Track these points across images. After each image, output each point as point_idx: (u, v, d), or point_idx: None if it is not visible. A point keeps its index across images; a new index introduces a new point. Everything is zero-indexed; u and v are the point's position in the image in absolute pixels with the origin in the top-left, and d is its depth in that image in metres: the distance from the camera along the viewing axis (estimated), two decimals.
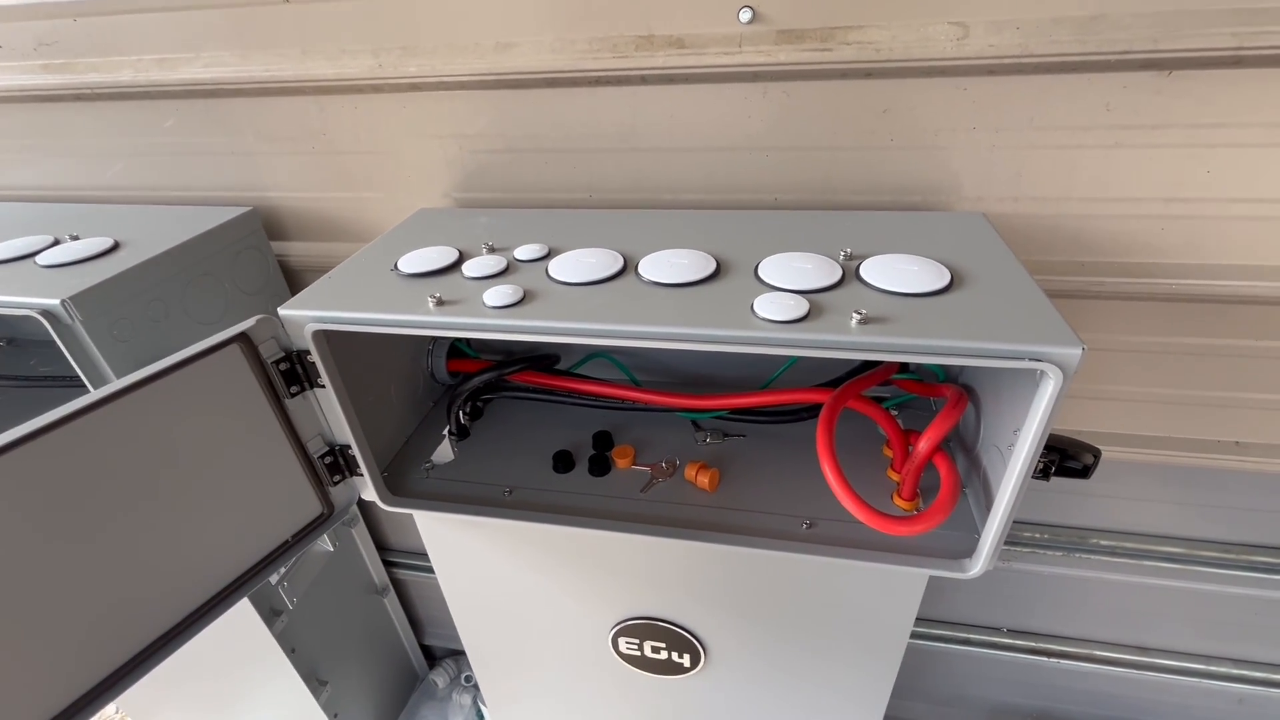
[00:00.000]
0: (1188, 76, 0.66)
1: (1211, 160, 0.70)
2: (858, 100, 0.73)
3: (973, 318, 0.52)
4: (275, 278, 0.98)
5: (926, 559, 0.64)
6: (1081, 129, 0.70)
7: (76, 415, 0.52)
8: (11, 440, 0.49)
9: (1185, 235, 0.74)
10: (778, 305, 0.54)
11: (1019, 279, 0.58)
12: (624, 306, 0.58)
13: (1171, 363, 0.84)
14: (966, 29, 0.66)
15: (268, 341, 0.62)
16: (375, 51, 0.80)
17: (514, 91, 0.81)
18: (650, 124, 0.79)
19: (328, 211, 0.96)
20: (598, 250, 0.68)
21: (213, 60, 0.85)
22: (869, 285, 0.58)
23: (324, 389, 0.66)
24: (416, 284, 0.65)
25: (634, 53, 0.74)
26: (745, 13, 0.70)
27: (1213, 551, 1.00)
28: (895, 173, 0.77)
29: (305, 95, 0.86)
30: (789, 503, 0.71)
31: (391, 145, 0.88)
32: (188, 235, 0.83)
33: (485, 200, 0.90)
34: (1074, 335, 0.48)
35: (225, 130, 0.91)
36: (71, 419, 0.52)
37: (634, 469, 0.78)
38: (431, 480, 0.79)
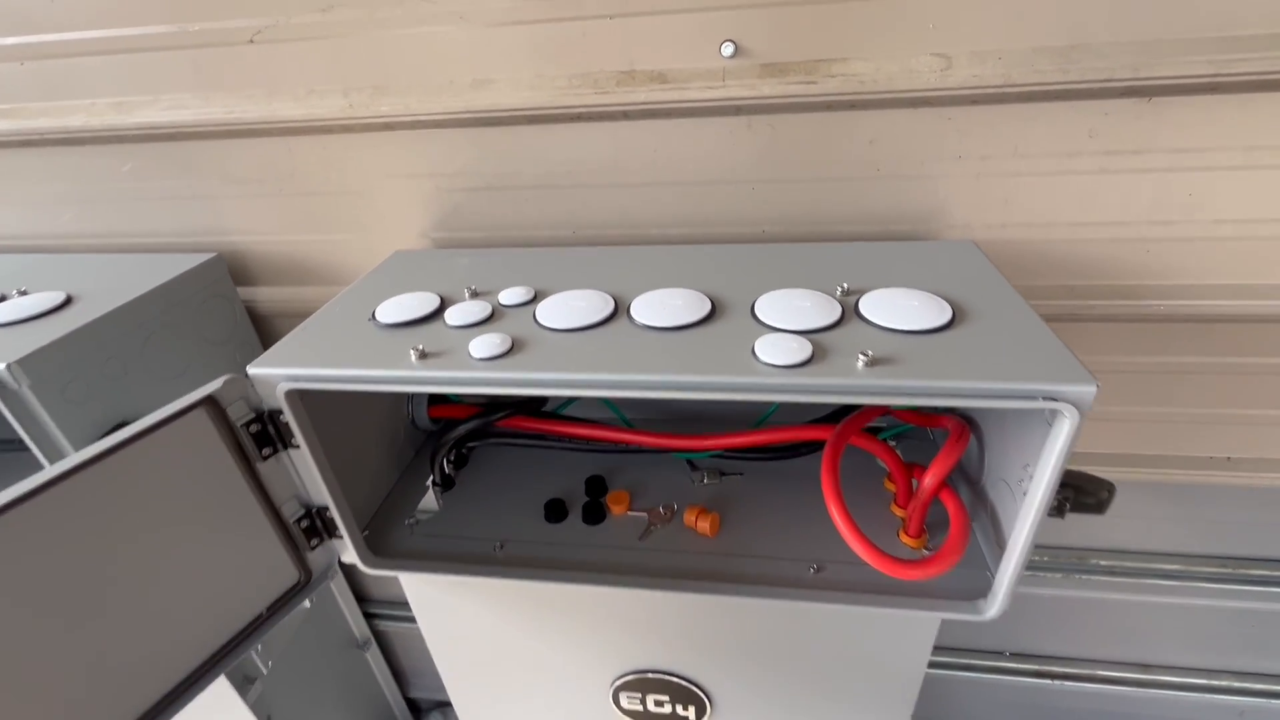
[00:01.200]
0: (1167, 103, 0.66)
1: (1193, 183, 0.70)
2: (843, 131, 0.73)
3: (981, 356, 0.51)
4: (243, 325, 0.93)
5: (940, 601, 0.62)
6: (1066, 155, 0.71)
7: (27, 497, 0.47)
8: None
9: (1170, 257, 0.75)
10: (779, 348, 0.52)
11: (1020, 311, 0.57)
12: (619, 354, 0.55)
13: (1161, 382, 0.84)
14: (949, 60, 0.66)
15: (236, 403, 0.58)
16: (345, 91, 0.77)
17: (492, 129, 0.78)
18: (634, 158, 0.77)
19: (297, 255, 0.92)
20: (587, 292, 0.65)
21: (173, 103, 0.81)
22: (870, 323, 0.56)
23: (298, 449, 0.61)
24: (397, 335, 0.61)
25: (615, 88, 0.72)
26: (728, 47, 0.69)
27: (1210, 567, 1.00)
28: (883, 202, 0.76)
29: (272, 136, 0.82)
30: (794, 545, 0.69)
31: (364, 186, 0.85)
32: (148, 286, 0.79)
33: (464, 240, 0.87)
34: (1086, 372, 0.46)
35: (187, 174, 0.87)
36: (21, 501, 0.47)
37: (630, 515, 0.75)
38: (416, 537, 0.74)
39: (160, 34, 0.77)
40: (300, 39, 0.75)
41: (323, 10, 0.73)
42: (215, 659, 0.61)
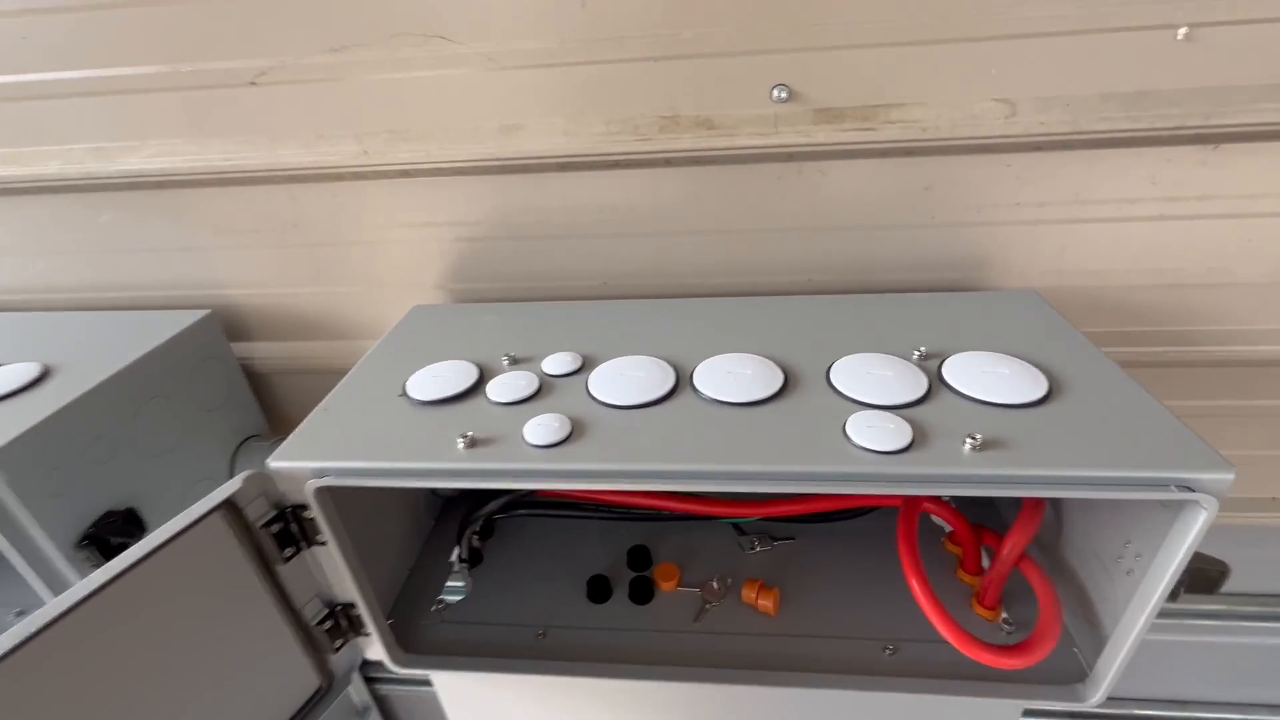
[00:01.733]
0: (1233, 149, 0.64)
1: (1254, 230, 0.68)
2: (898, 178, 0.69)
3: (1096, 437, 0.47)
4: (238, 387, 0.85)
5: (1036, 687, 0.57)
6: (1126, 202, 0.68)
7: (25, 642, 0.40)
8: None
9: (1227, 302, 0.73)
10: (875, 430, 0.47)
11: (1116, 379, 0.53)
12: (695, 439, 0.50)
13: (1211, 425, 0.82)
14: (1014, 106, 0.63)
15: (255, 501, 0.51)
16: (359, 137, 0.71)
17: (519, 175, 0.73)
18: (674, 206, 0.73)
19: (300, 308, 0.84)
20: (641, 360, 0.60)
21: (162, 149, 0.73)
22: (960, 394, 0.52)
23: (324, 546, 0.54)
24: (436, 415, 0.55)
25: (658, 134, 0.67)
26: (780, 91, 0.64)
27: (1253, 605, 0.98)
28: (937, 249, 0.73)
29: (275, 184, 0.75)
30: (864, 622, 0.64)
31: (376, 235, 0.78)
32: (135, 353, 0.70)
33: (484, 291, 0.81)
34: (1222, 457, 0.43)
35: (176, 224, 0.79)
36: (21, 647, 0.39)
37: (681, 591, 0.69)
38: (447, 625, 0.67)
39: (148, 75, 0.70)
40: (309, 80, 0.69)
41: (334, 51, 0.67)
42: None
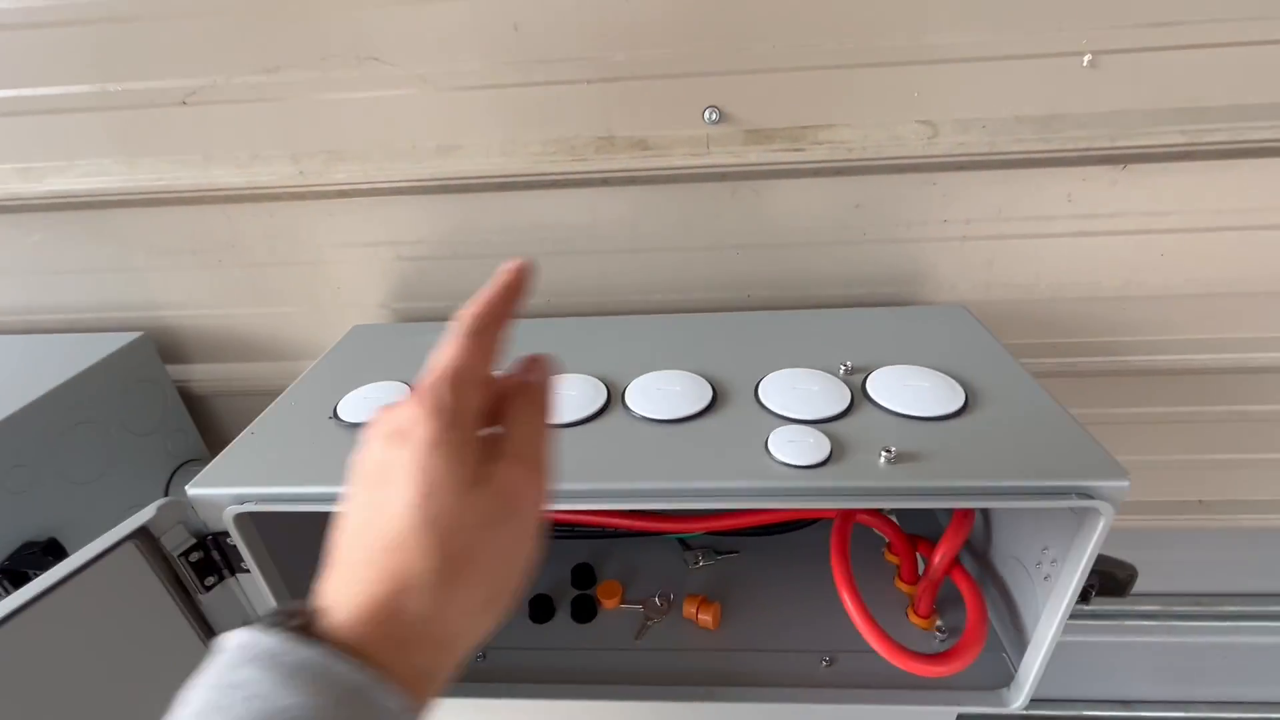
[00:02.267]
0: (1141, 169, 0.67)
1: (1164, 244, 0.72)
2: (829, 196, 0.71)
3: (1005, 449, 0.48)
4: (174, 410, 0.83)
5: (964, 693, 0.58)
6: (1046, 219, 0.71)
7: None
8: None
9: (1145, 313, 0.76)
10: (795, 445, 0.48)
11: (1029, 391, 0.55)
12: (620, 455, 0.50)
13: (1138, 431, 0.85)
14: (935, 128, 0.66)
15: (173, 529, 0.50)
16: (295, 157, 0.70)
17: (458, 195, 0.73)
18: (613, 225, 0.74)
19: (239, 329, 0.83)
20: (575, 378, 0.60)
21: (91, 169, 0.72)
22: (882, 408, 0.54)
23: (248, 573, 0.53)
24: None
25: (594, 155, 0.68)
26: (711, 113, 0.66)
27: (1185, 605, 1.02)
28: (870, 265, 0.75)
29: (210, 204, 0.74)
30: (802, 635, 0.64)
31: (316, 255, 0.77)
32: (60, 378, 0.68)
33: (427, 311, 0.80)
34: (1119, 466, 0.45)
35: (107, 245, 0.78)
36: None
37: (623, 608, 0.69)
38: None
39: (76, 94, 0.69)
40: (242, 101, 0.68)
41: (267, 71, 0.67)
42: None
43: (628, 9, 0.62)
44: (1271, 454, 0.85)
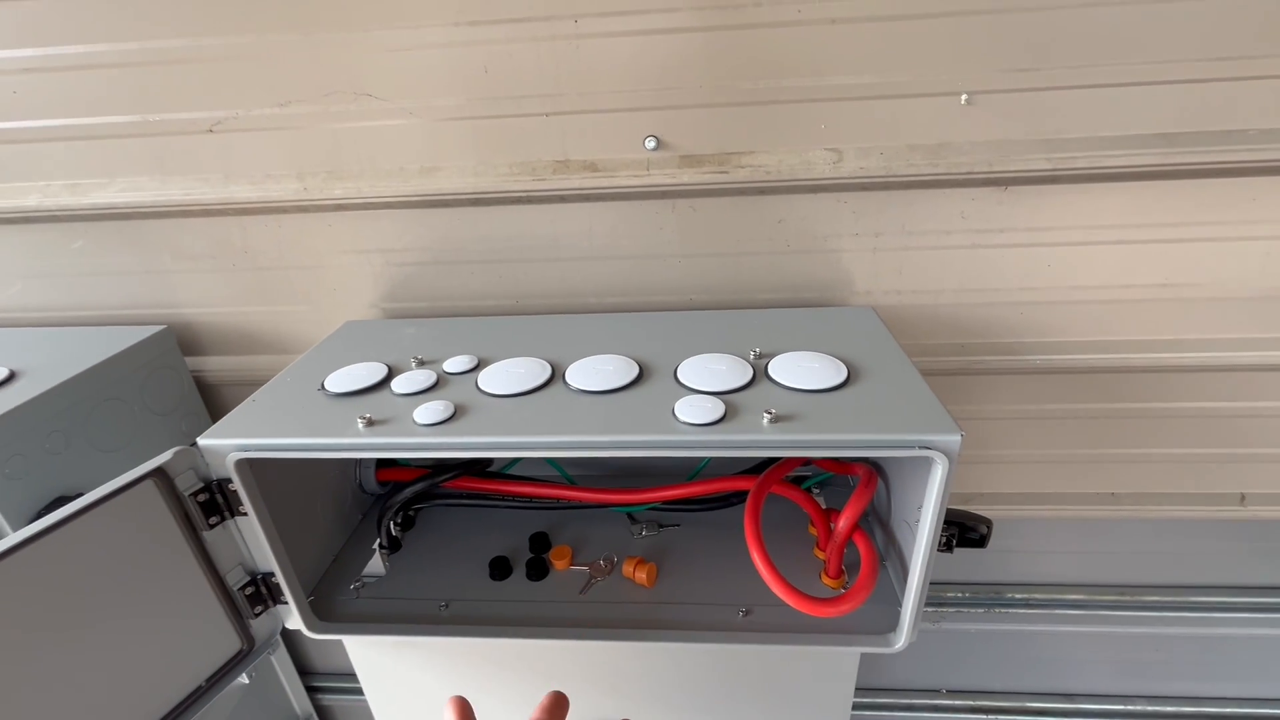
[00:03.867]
0: (1020, 190, 0.78)
1: (1049, 256, 0.82)
2: (755, 212, 0.82)
3: (868, 411, 0.58)
4: (190, 395, 0.95)
5: (856, 636, 0.67)
6: (944, 233, 0.82)
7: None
8: None
9: (1039, 317, 0.86)
10: (696, 408, 0.59)
11: (905, 371, 0.65)
12: (553, 417, 0.61)
13: (1048, 427, 0.94)
14: (840, 154, 0.77)
15: (185, 473, 0.61)
16: (300, 176, 0.83)
17: (439, 209, 0.85)
18: (571, 237, 0.85)
19: (248, 326, 0.95)
20: (526, 360, 0.71)
21: (129, 185, 0.85)
22: (777, 383, 0.64)
23: (246, 517, 0.64)
24: (345, 404, 0.65)
25: (551, 175, 0.80)
26: (650, 141, 0.78)
27: (1110, 595, 1.09)
28: (794, 273, 0.86)
29: (227, 216, 0.87)
30: (725, 591, 0.73)
31: (316, 260, 0.90)
32: (94, 359, 0.80)
33: (413, 310, 0.92)
34: (954, 423, 0.54)
35: (139, 251, 0.90)
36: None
37: (572, 569, 0.79)
38: (362, 600, 0.76)
39: (121, 123, 0.82)
40: (258, 129, 0.81)
41: (280, 105, 0.80)
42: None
43: (578, 56, 0.74)
44: (1171, 448, 0.94)
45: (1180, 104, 0.73)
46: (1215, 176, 0.76)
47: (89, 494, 0.55)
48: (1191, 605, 1.09)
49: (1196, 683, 1.18)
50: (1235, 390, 0.89)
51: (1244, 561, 1.06)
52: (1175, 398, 0.91)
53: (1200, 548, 1.06)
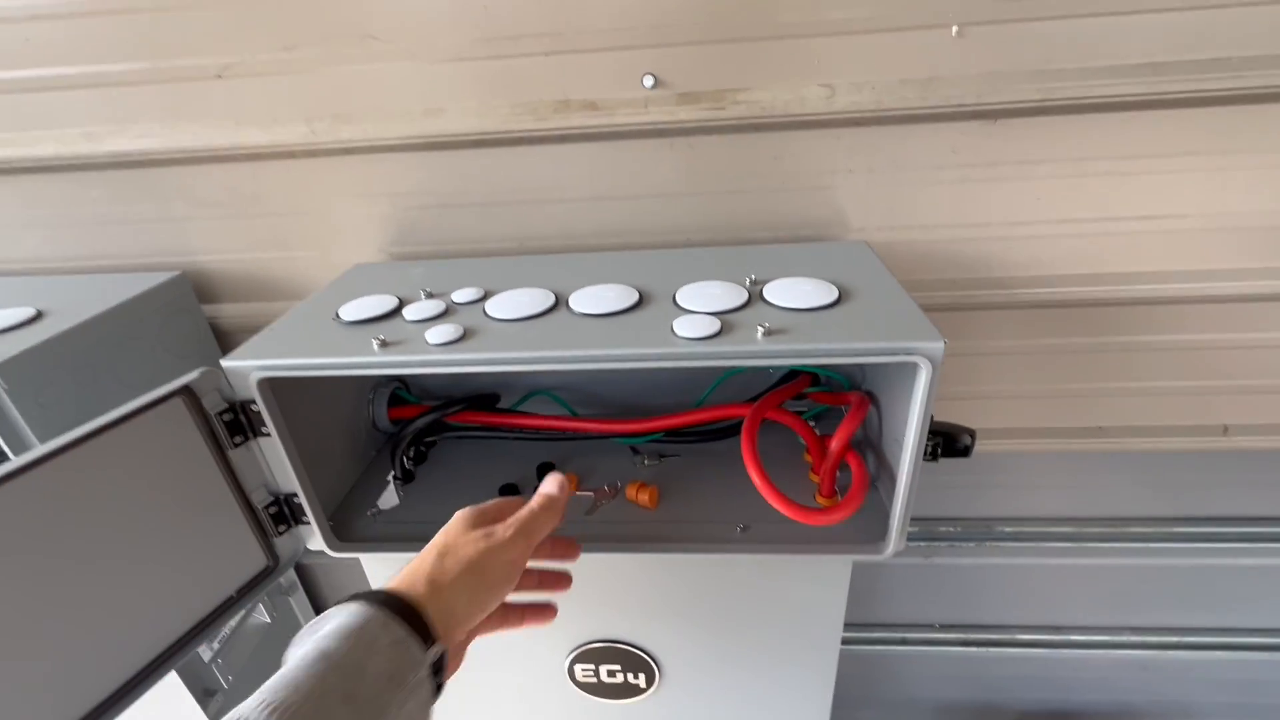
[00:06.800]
0: (1009, 123, 0.80)
1: (1037, 190, 0.84)
2: (752, 150, 0.84)
3: (857, 325, 0.61)
4: (207, 340, 0.98)
5: (848, 545, 0.71)
6: (935, 168, 0.84)
7: (16, 474, 0.52)
8: None
9: (1029, 251, 0.88)
10: (694, 325, 0.62)
11: (893, 291, 0.68)
12: (557, 336, 0.64)
13: (1037, 361, 0.97)
14: (833, 89, 0.79)
15: (211, 394, 0.64)
16: (308, 120, 0.85)
17: (443, 152, 0.87)
18: (572, 177, 0.87)
19: (261, 272, 0.98)
20: (531, 290, 0.74)
21: (142, 132, 0.87)
22: (771, 304, 0.67)
23: (268, 437, 0.67)
24: (359, 330, 0.69)
25: (552, 115, 0.82)
26: (648, 79, 0.80)
27: (1097, 528, 1.13)
28: (790, 210, 0.88)
29: (238, 162, 0.89)
30: (724, 511, 0.77)
31: (325, 205, 0.92)
32: (114, 301, 0.84)
33: (420, 253, 0.95)
34: (936, 332, 0.57)
35: (154, 198, 0.93)
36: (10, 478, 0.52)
37: (578, 495, 0.82)
38: (378, 525, 0.80)
39: (132, 70, 0.84)
40: (265, 74, 0.83)
41: (286, 49, 0.82)
42: (190, 636, 0.65)
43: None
44: (1157, 381, 0.97)
45: (1168, 32, 0.74)
46: (1201, 106, 0.77)
47: (121, 407, 0.59)
48: (1176, 536, 1.12)
49: (1181, 613, 1.23)
50: (1218, 322, 0.92)
51: (1227, 492, 1.09)
52: (1159, 330, 0.93)
53: (1185, 480, 1.09)
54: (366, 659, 0.40)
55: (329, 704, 0.37)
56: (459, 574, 0.47)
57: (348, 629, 0.41)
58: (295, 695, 0.37)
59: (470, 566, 0.47)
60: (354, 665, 0.39)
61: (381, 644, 0.41)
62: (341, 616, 0.42)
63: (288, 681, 0.38)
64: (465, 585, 0.47)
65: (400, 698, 0.40)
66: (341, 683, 0.38)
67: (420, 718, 0.42)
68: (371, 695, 0.39)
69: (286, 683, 0.38)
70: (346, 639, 0.40)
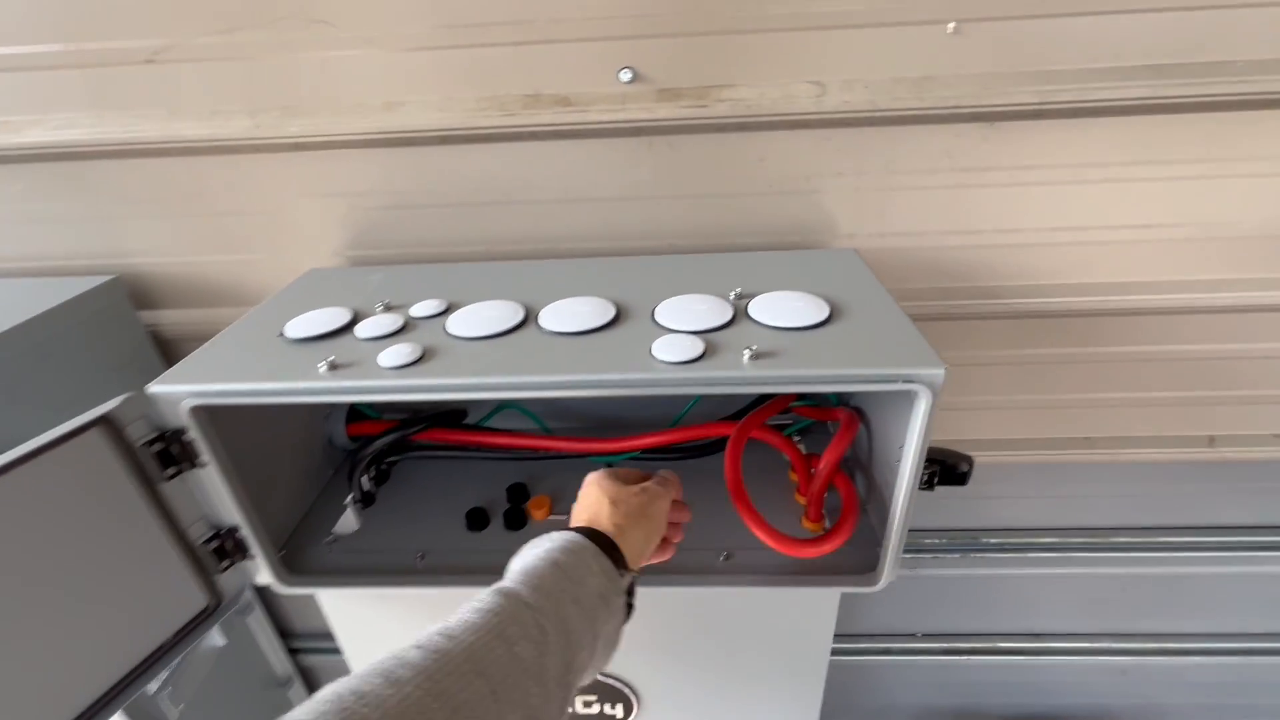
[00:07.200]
0: (1007, 126, 0.76)
1: (1032, 197, 0.81)
2: (736, 151, 0.79)
3: (851, 347, 0.57)
4: (145, 350, 0.90)
5: (836, 577, 0.67)
6: (928, 172, 0.79)
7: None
8: None
9: (1020, 261, 0.85)
10: (675, 347, 0.57)
11: (888, 308, 0.64)
12: (525, 358, 0.58)
13: (1026, 372, 0.94)
14: (823, 87, 0.74)
15: (136, 422, 0.57)
16: (251, 112, 0.78)
17: (404, 149, 0.80)
18: (543, 176, 0.81)
19: (205, 276, 0.90)
20: (498, 303, 0.68)
21: (65, 122, 0.79)
22: (757, 322, 0.62)
23: (206, 468, 0.61)
24: (306, 349, 0.62)
25: (521, 110, 0.76)
26: (625, 73, 0.74)
27: (1081, 537, 1.11)
28: (776, 215, 0.83)
29: (174, 156, 0.81)
30: (706, 536, 0.73)
31: (275, 205, 0.85)
32: (38, 309, 0.75)
33: (380, 258, 0.88)
34: (937, 357, 0.53)
35: (82, 194, 0.84)
36: None
37: (551, 519, 0.77)
38: (335, 554, 0.74)
39: (52, 53, 0.75)
40: (202, 59, 0.75)
41: (225, 32, 0.74)
42: (115, 690, 0.59)
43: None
44: (1145, 392, 0.95)
45: (1171, 33, 0.71)
46: (1201, 111, 0.74)
47: (29, 442, 0.52)
48: (1158, 545, 1.12)
49: (1159, 619, 1.23)
50: (1208, 332, 0.89)
51: (1210, 502, 1.08)
52: (1149, 341, 0.91)
53: (1167, 489, 1.08)
54: (587, 576, 0.47)
55: (563, 600, 0.44)
56: (635, 518, 0.54)
57: (572, 548, 0.49)
58: (537, 581, 0.45)
59: (641, 512, 0.55)
60: (579, 578, 0.47)
61: (595, 569, 0.48)
62: (561, 540, 0.49)
63: (530, 571, 0.46)
64: (640, 527, 0.55)
65: (605, 615, 0.47)
66: (571, 588, 0.45)
67: (617, 636, 0.51)
68: (590, 606, 0.46)
69: (529, 573, 0.46)
70: (572, 555, 0.48)
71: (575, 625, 0.44)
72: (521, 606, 0.42)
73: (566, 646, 0.42)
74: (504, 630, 0.40)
